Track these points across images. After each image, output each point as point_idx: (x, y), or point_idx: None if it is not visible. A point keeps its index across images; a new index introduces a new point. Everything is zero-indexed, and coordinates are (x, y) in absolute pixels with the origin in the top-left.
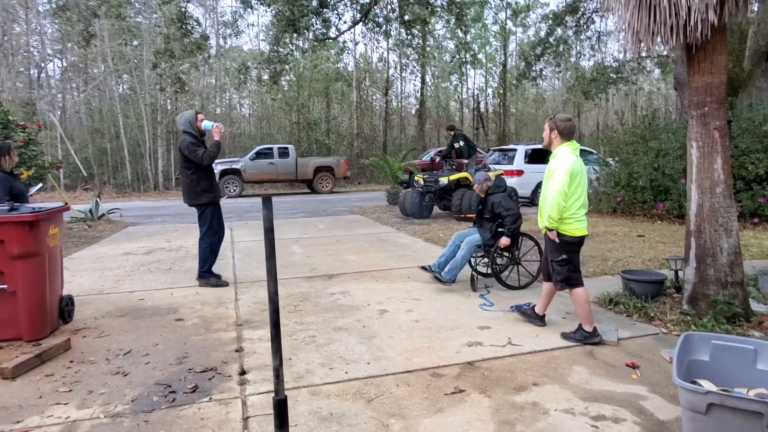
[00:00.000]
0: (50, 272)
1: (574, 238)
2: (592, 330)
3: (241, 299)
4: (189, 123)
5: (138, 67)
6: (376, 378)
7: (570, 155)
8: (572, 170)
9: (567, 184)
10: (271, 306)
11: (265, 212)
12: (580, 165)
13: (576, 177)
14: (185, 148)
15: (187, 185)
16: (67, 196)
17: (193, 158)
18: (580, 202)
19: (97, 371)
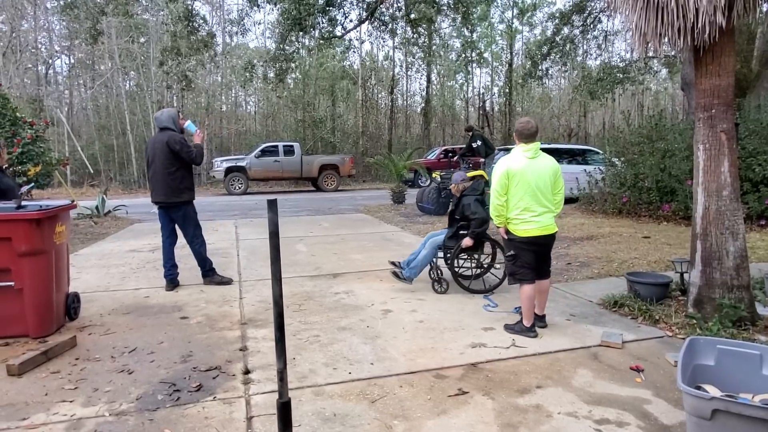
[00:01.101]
0: (57, 270)
1: (520, 237)
2: (529, 326)
3: (245, 297)
4: (172, 120)
5: (145, 65)
6: (380, 379)
7: (511, 156)
8: (506, 172)
9: (498, 183)
10: (275, 309)
11: (270, 215)
12: (520, 167)
13: (513, 178)
14: (177, 144)
15: (170, 182)
16: (73, 193)
17: (184, 154)
18: (523, 204)
19: (102, 369)
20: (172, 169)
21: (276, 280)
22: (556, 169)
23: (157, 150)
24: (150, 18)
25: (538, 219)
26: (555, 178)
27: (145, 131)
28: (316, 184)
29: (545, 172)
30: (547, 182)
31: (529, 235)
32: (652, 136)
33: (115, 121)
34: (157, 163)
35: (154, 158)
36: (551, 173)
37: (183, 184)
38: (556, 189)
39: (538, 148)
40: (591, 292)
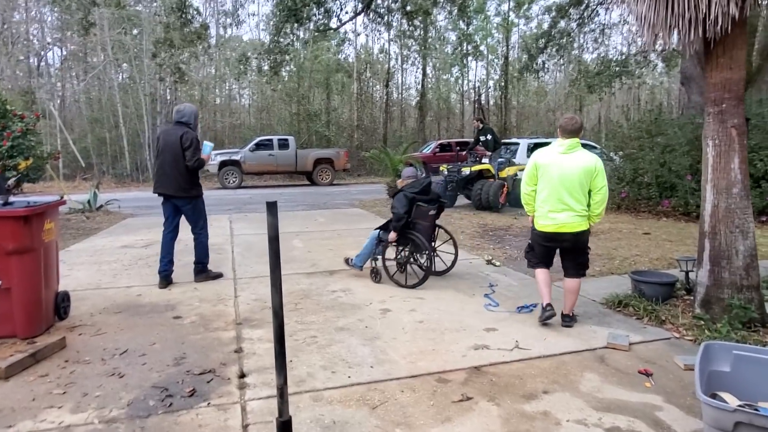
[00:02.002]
0: (45, 268)
1: (535, 230)
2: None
3: (240, 296)
4: (194, 116)
5: (138, 57)
6: (380, 383)
7: (545, 148)
8: (534, 163)
9: (526, 173)
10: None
11: (270, 219)
12: (548, 160)
13: (539, 169)
14: (188, 141)
15: (181, 176)
16: (66, 186)
17: (193, 155)
18: (542, 197)
19: (92, 372)
20: (182, 164)
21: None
22: (591, 169)
23: (170, 142)
24: (142, 9)
25: (554, 216)
26: (589, 177)
27: (138, 124)
28: (310, 178)
29: (573, 170)
30: (574, 181)
31: (543, 231)
32: (652, 131)
33: (108, 114)
34: (167, 155)
35: (164, 150)
36: (582, 172)
37: (193, 179)
38: (594, 189)
39: (574, 145)
40: (594, 291)
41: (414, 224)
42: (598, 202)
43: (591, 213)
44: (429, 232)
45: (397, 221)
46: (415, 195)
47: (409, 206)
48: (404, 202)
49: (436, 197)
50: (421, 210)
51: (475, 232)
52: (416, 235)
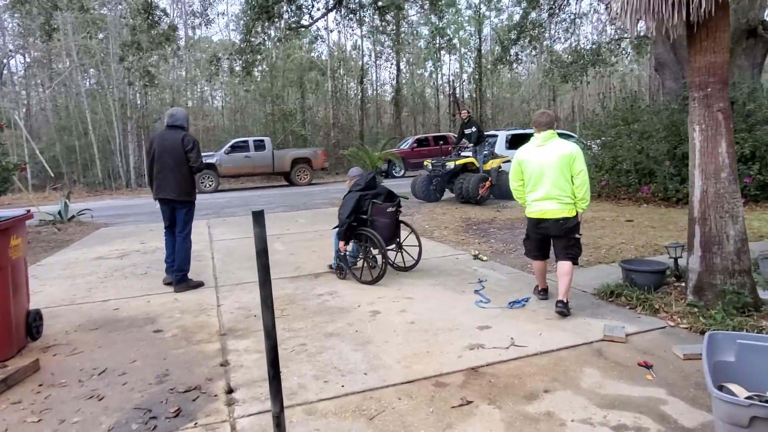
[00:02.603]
0: (14, 286)
1: (528, 218)
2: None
3: (223, 305)
4: (187, 120)
5: (105, 61)
6: (376, 391)
7: (526, 145)
8: (517, 159)
9: (512, 170)
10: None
11: (257, 230)
12: (528, 154)
13: (522, 164)
14: (190, 143)
15: (184, 180)
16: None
17: (197, 157)
18: (528, 188)
19: (69, 396)
20: (184, 168)
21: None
22: (569, 156)
23: (168, 147)
24: (107, 12)
25: (538, 203)
26: (568, 164)
27: (108, 131)
28: (288, 179)
29: (552, 160)
30: (555, 169)
31: (531, 217)
32: (628, 118)
33: (76, 121)
34: (167, 160)
35: (162, 154)
36: (560, 160)
37: (192, 183)
38: (574, 174)
39: (550, 137)
40: (583, 281)
41: (372, 222)
42: (579, 186)
43: (576, 199)
44: (390, 229)
45: (341, 226)
46: (360, 192)
47: (357, 205)
48: (351, 203)
49: (386, 191)
50: (378, 207)
51: (459, 226)
52: (371, 233)
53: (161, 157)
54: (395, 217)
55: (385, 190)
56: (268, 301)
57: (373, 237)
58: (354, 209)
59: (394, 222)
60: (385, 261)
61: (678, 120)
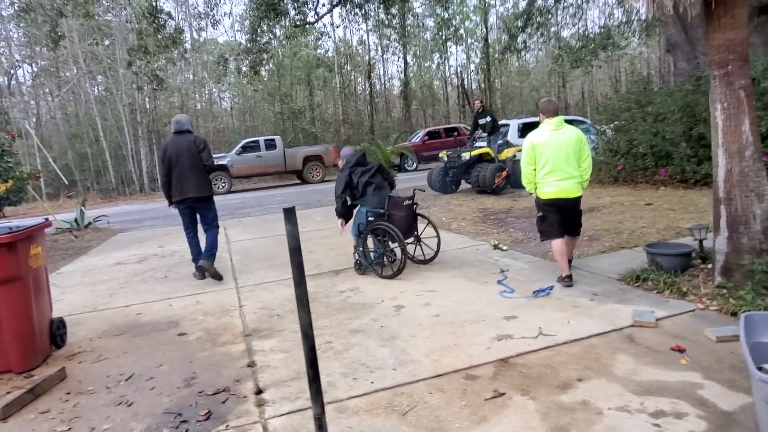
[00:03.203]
0: (36, 295)
1: (542, 199)
2: (564, 276)
3: (245, 305)
4: (191, 124)
5: (112, 67)
6: (406, 386)
7: (537, 130)
8: (531, 144)
9: (525, 155)
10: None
11: (289, 228)
12: (543, 139)
13: (537, 149)
14: (202, 143)
15: (202, 179)
16: (50, 206)
17: (209, 156)
18: (545, 171)
19: (97, 403)
20: (200, 167)
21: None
22: (580, 139)
23: (184, 150)
24: (113, 18)
25: (558, 183)
26: (579, 147)
27: (119, 136)
28: (301, 177)
29: (567, 143)
30: (569, 151)
31: (550, 197)
32: (641, 101)
33: (87, 129)
34: (185, 162)
35: (179, 158)
36: (573, 143)
37: (209, 180)
38: (582, 157)
39: (561, 122)
40: (607, 267)
41: (389, 215)
42: (586, 168)
43: (582, 179)
44: (407, 222)
45: (336, 200)
46: (351, 168)
47: (349, 179)
48: (342, 180)
49: (377, 165)
50: (394, 201)
51: (476, 217)
52: (389, 226)
53: (178, 161)
54: (412, 210)
55: (375, 165)
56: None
57: (391, 231)
58: (347, 184)
59: (411, 215)
60: (405, 254)
61: (692, 101)
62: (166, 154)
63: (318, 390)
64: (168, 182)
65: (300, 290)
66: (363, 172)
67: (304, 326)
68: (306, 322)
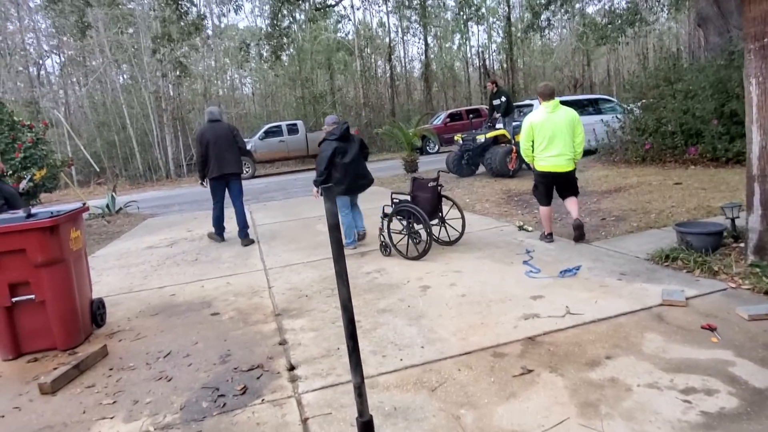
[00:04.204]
0: (77, 276)
1: (538, 171)
2: (547, 233)
3: (274, 286)
4: (221, 115)
5: (137, 56)
6: (435, 363)
7: (535, 112)
8: (530, 124)
9: (524, 132)
10: (345, 316)
11: (328, 206)
12: (540, 119)
13: (535, 128)
14: (236, 130)
15: (237, 158)
16: (82, 193)
17: (242, 140)
18: (542, 147)
19: (139, 378)
20: (235, 149)
21: (342, 281)
22: (573, 119)
23: (222, 135)
24: (136, 6)
25: (552, 158)
26: (572, 126)
27: (145, 124)
28: None
29: (562, 123)
30: (564, 131)
31: (544, 170)
32: (671, 78)
33: (114, 117)
34: (223, 145)
35: (217, 141)
36: (567, 123)
37: (240, 160)
38: (576, 135)
39: (557, 104)
40: (635, 247)
41: (414, 197)
42: (579, 143)
43: (576, 154)
44: (432, 204)
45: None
46: (336, 141)
47: (333, 155)
48: (327, 154)
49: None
50: (419, 182)
51: (500, 198)
52: (414, 208)
53: (217, 144)
54: (436, 192)
55: (357, 139)
56: (344, 276)
57: (417, 212)
58: (330, 161)
59: (436, 196)
60: (430, 236)
61: (725, 76)
62: (204, 138)
63: (357, 361)
64: (205, 161)
65: (339, 265)
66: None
67: (344, 299)
68: (345, 296)
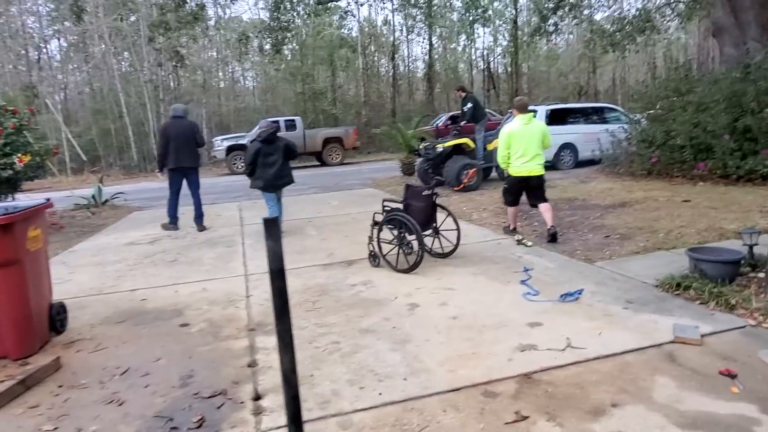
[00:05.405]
0: (34, 279)
1: (513, 176)
2: (512, 228)
3: (252, 295)
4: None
5: (136, 44)
6: (418, 400)
7: (513, 123)
8: (508, 133)
9: (503, 141)
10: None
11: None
12: (517, 130)
13: (512, 137)
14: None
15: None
16: (74, 181)
17: (202, 137)
18: (518, 154)
19: (89, 399)
20: (193, 145)
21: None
22: (544, 130)
23: (183, 131)
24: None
25: (527, 164)
26: (543, 136)
27: (141, 113)
28: (320, 159)
29: (535, 134)
30: (536, 140)
31: (519, 174)
32: (681, 89)
33: (111, 105)
34: (182, 140)
35: (178, 136)
36: (539, 134)
37: (198, 154)
38: (545, 143)
39: (531, 117)
40: (642, 270)
41: (407, 206)
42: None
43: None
44: (426, 213)
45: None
46: (261, 142)
47: (255, 155)
48: (251, 152)
49: (283, 144)
50: (413, 190)
51: (498, 208)
52: (406, 218)
53: (177, 138)
54: (431, 201)
55: (283, 143)
56: (287, 338)
57: (408, 222)
58: (252, 160)
59: (430, 205)
60: (422, 247)
61: (739, 90)
62: (167, 132)
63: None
64: (165, 153)
65: (282, 325)
66: (267, 154)
67: (286, 370)
68: (288, 365)
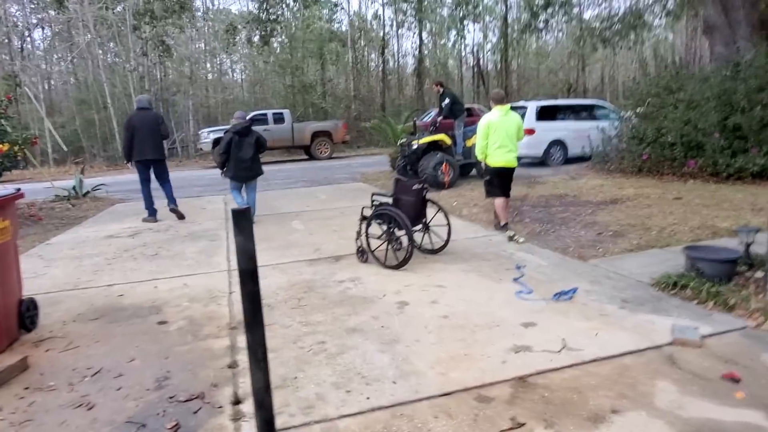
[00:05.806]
0: (2, 274)
1: (491, 167)
2: (503, 224)
3: (235, 291)
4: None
5: (122, 33)
6: (407, 405)
7: (491, 114)
8: (487, 123)
9: (481, 131)
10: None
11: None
12: (496, 120)
13: (490, 128)
14: (161, 118)
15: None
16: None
17: (166, 128)
18: (496, 145)
19: (55, 403)
20: (158, 136)
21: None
22: (519, 123)
23: (147, 122)
24: None
25: (505, 155)
26: (518, 128)
27: (126, 104)
28: (308, 152)
29: (512, 125)
30: (513, 131)
31: (498, 165)
32: (672, 87)
33: (95, 95)
34: (146, 132)
35: (142, 127)
36: (515, 125)
37: (163, 146)
38: (519, 135)
39: (508, 109)
40: (637, 269)
41: (397, 201)
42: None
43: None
44: (416, 208)
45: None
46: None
47: (228, 145)
48: (224, 142)
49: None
50: (403, 185)
51: (489, 203)
52: (395, 212)
53: (141, 130)
54: (421, 195)
55: (254, 136)
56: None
57: (398, 217)
58: (225, 149)
59: (420, 200)
60: (411, 243)
61: (730, 88)
62: (131, 124)
63: None
64: (130, 145)
65: (254, 336)
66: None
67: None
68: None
